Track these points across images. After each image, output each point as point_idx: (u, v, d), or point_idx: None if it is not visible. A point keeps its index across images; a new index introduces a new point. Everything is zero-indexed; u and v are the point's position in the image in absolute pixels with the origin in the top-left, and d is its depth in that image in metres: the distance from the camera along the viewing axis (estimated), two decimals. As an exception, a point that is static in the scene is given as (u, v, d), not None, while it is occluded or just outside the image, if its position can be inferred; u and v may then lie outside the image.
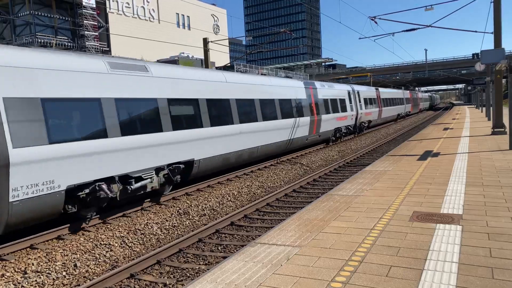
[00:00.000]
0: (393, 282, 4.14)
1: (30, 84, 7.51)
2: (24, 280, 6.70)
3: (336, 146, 23.32)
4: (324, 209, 7.16)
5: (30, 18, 46.30)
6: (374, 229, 5.86)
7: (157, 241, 8.97)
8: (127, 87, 9.71)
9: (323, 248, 5.21)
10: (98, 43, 51.06)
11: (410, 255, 4.83)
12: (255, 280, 4.36)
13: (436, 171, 10.20)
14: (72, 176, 8.05)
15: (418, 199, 7.50)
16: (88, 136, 8.44)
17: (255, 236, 8.85)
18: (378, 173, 10.43)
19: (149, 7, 66.18)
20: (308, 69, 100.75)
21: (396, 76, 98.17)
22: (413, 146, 16.23)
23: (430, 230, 5.70)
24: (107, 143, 8.80)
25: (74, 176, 8.10)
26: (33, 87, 7.54)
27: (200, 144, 11.83)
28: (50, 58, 8.16)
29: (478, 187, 8.20)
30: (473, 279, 4.10)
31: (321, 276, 4.37)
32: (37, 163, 7.33)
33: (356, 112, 27.80)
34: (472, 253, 4.78)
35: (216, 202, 11.61)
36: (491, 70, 23.23)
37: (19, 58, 7.54)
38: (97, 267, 7.53)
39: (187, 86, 11.76)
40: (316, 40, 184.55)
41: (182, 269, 7.21)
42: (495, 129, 18.53)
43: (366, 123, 31.01)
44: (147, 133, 9.92)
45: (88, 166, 8.40)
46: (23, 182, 7.12)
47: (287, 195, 12.53)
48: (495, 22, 17.49)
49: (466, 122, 28.73)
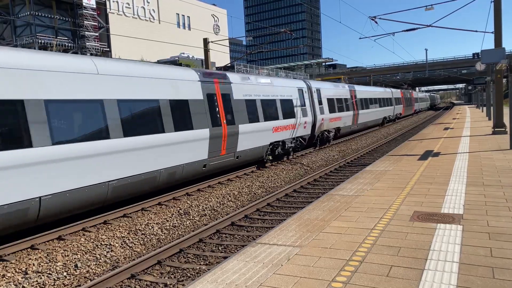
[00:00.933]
0: (394, 282, 4.14)
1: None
2: (25, 281, 6.71)
3: (337, 146, 23.32)
4: (324, 209, 7.16)
5: (31, 19, 46.31)
6: (375, 229, 5.86)
7: (158, 241, 8.97)
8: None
9: (324, 248, 5.21)
10: (98, 44, 51.09)
11: (410, 255, 4.83)
12: (256, 280, 4.36)
13: (437, 171, 10.19)
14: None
15: (419, 199, 7.50)
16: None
17: (255, 236, 8.85)
18: (379, 173, 10.43)
19: (149, 8, 66.21)
20: (309, 69, 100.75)
21: (396, 76, 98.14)
22: (413, 146, 16.23)
23: (430, 230, 5.70)
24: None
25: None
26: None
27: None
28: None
29: (478, 187, 8.20)
30: (473, 279, 4.10)
31: (321, 276, 4.37)
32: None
33: (312, 118, 20.43)
34: (472, 253, 4.78)
35: (217, 202, 11.61)
36: (491, 70, 23.22)
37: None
38: (97, 268, 7.54)
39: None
40: (316, 40, 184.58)
41: (182, 269, 7.21)
42: (496, 129, 18.52)
43: (331, 131, 23.44)
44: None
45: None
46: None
47: (287, 195, 12.53)
48: (495, 22, 17.49)
49: (466, 122, 28.72)
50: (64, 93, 8.45)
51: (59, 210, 8.28)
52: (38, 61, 8.16)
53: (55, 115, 8.16)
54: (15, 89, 7.54)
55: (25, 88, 7.73)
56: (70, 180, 8.34)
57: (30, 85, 7.82)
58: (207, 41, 26.69)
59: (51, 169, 7.90)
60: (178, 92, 11.57)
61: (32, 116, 7.69)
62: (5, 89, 7.39)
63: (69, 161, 8.29)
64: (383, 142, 25.50)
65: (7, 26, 48.95)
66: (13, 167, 7.26)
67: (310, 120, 20.06)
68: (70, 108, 8.52)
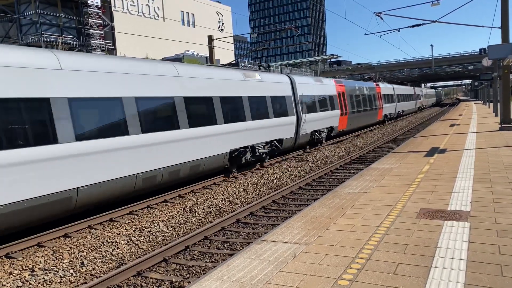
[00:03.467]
0: (401, 279, 4.11)
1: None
2: (31, 278, 6.74)
3: (342, 143, 23.24)
4: (330, 206, 7.13)
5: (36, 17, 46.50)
6: (381, 226, 5.82)
7: (164, 239, 8.98)
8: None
9: (330, 246, 5.18)
10: (103, 42, 51.23)
11: (417, 252, 4.79)
12: (262, 278, 4.35)
13: (443, 168, 10.12)
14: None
15: (425, 196, 7.44)
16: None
17: (261, 234, 8.84)
18: (385, 170, 10.37)
19: (154, 5, 66.24)
20: (314, 66, 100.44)
21: (402, 73, 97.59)
22: (419, 142, 16.13)
23: (437, 227, 5.65)
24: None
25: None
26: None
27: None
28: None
29: (486, 183, 8.13)
30: (482, 277, 4.06)
31: (328, 274, 4.35)
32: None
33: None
34: (480, 250, 4.73)
35: (222, 199, 11.61)
36: (498, 65, 23.02)
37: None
38: (103, 265, 7.56)
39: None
40: (321, 36, 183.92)
41: (188, 267, 7.22)
42: (503, 125, 18.37)
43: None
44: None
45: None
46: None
47: (293, 192, 12.51)
48: (502, 17, 17.31)
49: (473, 118, 28.51)
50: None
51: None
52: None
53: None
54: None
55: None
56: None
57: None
58: (212, 38, 26.67)
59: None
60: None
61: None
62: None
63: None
64: (388, 138, 25.38)
65: (13, 25, 49.18)
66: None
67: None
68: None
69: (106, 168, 9.06)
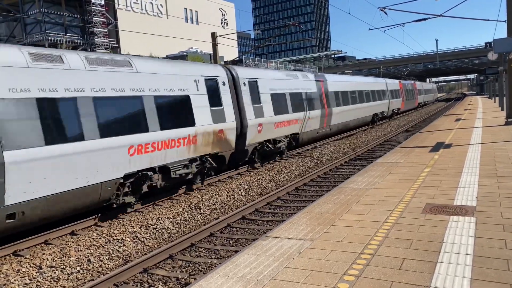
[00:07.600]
0: (407, 275, 4.11)
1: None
2: (39, 275, 6.80)
3: (347, 139, 23.19)
4: (335, 202, 7.13)
5: (40, 16, 46.64)
6: (387, 222, 5.81)
7: (169, 236, 9.03)
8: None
9: (335, 242, 5.19)
10: (107, 40, 51.32)
11: (423, 247, 4.78)
12: (267, 274, 4.36)
13: (449, 163, 10.08)
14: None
15: (431, 191, 7.42)
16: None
17: (266, 230, 8.86)
18: (390, 165, 10.34)
19: (157, 3, 66.22)
20: (318, 62, 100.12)
21: (406, 68, 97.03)
22: (424, 137, 16.06)
23: (443, 222, 5.64)
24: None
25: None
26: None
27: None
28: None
29: (492, 178, 8.08)
30: (488, 271, 4.05)
31: (333, 270, 4.35)
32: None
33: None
34: (486, 245, 4.71)
35: (227, 196, 11.64)
36: (504, 59, 22.81)
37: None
38: (110, 262, 7.61)
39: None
40: (325, 32, 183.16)
41: (194, 263, 7.25)
42: (509, 119, 18.22)
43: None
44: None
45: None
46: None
47: (297, 188, 12.51)
48: (508, 10, 17.14)
49: (478, 113, 28.32)
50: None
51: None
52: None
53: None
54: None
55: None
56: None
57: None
58: (215, 35, 26.64)
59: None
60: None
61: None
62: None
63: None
64: (393, 134, 25.29)
65: (17, 24, 49.37)
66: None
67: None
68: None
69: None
